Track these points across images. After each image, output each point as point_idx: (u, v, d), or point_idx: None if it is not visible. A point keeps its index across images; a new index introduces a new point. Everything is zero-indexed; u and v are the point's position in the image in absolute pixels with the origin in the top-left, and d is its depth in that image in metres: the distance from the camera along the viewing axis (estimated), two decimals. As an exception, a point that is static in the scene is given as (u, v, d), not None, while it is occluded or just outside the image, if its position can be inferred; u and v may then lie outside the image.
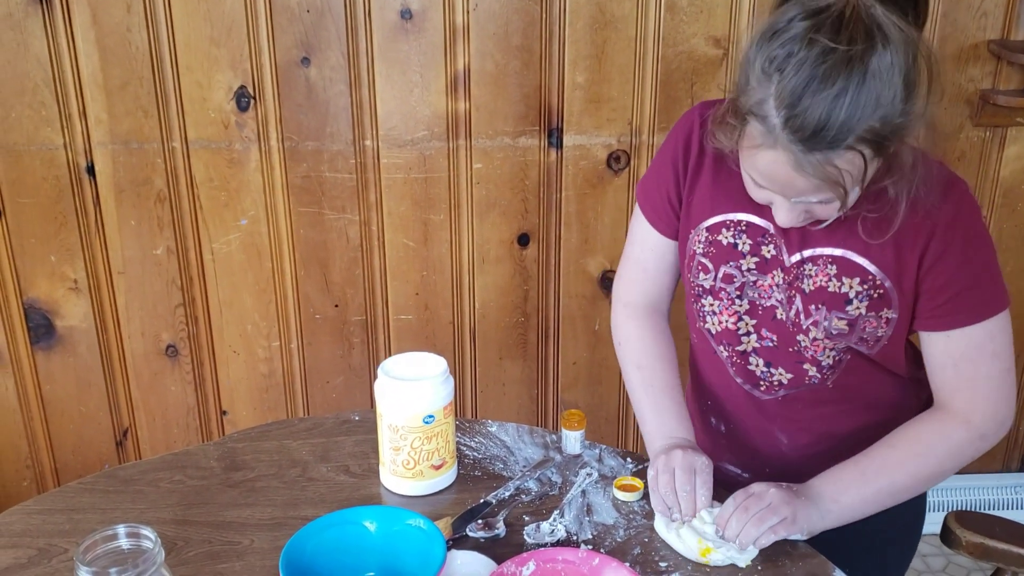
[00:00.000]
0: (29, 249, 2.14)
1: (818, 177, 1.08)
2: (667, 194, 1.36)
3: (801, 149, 1.06)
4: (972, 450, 1.25)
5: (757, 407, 1.38)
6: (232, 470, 1.39)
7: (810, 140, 1.05)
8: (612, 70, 2.09)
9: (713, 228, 1.32)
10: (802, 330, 1.28)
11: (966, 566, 2.48)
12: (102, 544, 1.02)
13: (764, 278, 1.29)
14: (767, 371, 1.33)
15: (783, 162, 1.09)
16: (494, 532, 1.26)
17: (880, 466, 1.25)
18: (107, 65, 2.01)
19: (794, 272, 1.27)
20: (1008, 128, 2.21)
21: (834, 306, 1.24)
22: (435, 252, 2.23)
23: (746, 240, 1.29)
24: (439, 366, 1.33)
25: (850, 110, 1.03)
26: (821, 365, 1.30)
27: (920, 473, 1.26)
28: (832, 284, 1.24)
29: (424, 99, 2.09)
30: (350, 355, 2.32)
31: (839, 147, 1.05)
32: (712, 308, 1.35)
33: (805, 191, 1.12)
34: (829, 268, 1.24)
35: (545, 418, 2.43)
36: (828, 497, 1.23)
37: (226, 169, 2.12)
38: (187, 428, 2.35)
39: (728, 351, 1.36)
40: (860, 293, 1.23)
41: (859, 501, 1.24)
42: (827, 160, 1.06)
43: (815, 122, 1.04)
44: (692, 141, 1.33)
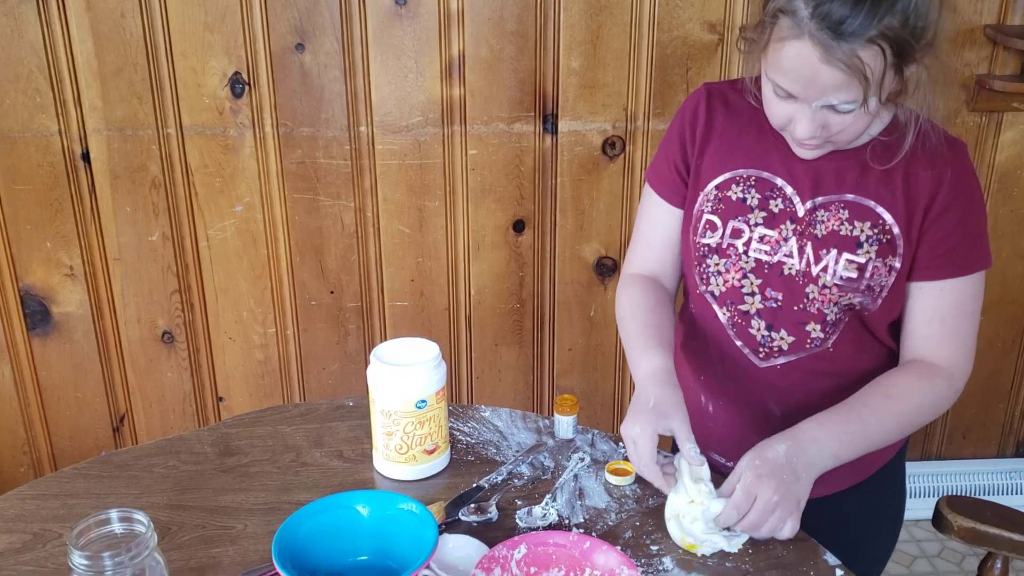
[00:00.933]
0: (25, 236, 2.15)
1: (843, 66, 1.11)
2: (675, 163, 1.40)
3: (829, 36, 1.10)
4: (947, 404, 1.32)
5: (753, 376, 1.38)
6: (226, 455, 1.40)
7: (836, 28, 1.10)
8: (607, 55, 2.09)
9: (722, 185, 1.35)
10: (812, 279, 1.30)
11: (961, 551, 2.49)
12: (95, 528, 1.03)
13: (771, 232, 1.32)
14: (768, 335, 1.34)
15: (809, 54, 1.12)
16: (486, 516, 1.27)
17: (879, 419, 1.27)
18: (101, 51, 2.01)
19: (807, 220, 1.30)
20: (1004, 113, 2.21)
21: (845, 248, 1.28)
22: (430, 238, 2.23)
23: (755, 194, 1.33)
24: (431, 351, 1.34)
25: (874, 3, 1.09)
26: (826, 320, 1.31)
27: (910, 426, 1.32)
28: (844, 228, 1.28)
29: (419, 85, 2.09)
30: (346, 341, 2.32)
31: (862, 37, 1.10)
32: (717, 267, 1.36)
33: (828, 88, 1.15)
34: (841, 212, 1.28)
35: (540, 404, 2.43)
36: (832, 453, 1.23)
37: (221, 155, 2.12)
38: (183, 414, 2.36)
39: (730, 311, 1.36)
40: (871, 237, 1.27)
41: (855, 454, 1.26)
42: (852, 51, 1.11)
43: (841, 12, 1.09)
44: (699, 113, 1.37)
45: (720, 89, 1.38)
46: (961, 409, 2.50)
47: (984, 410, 2.53)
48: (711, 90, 1.38)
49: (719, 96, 1.38)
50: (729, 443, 1.43)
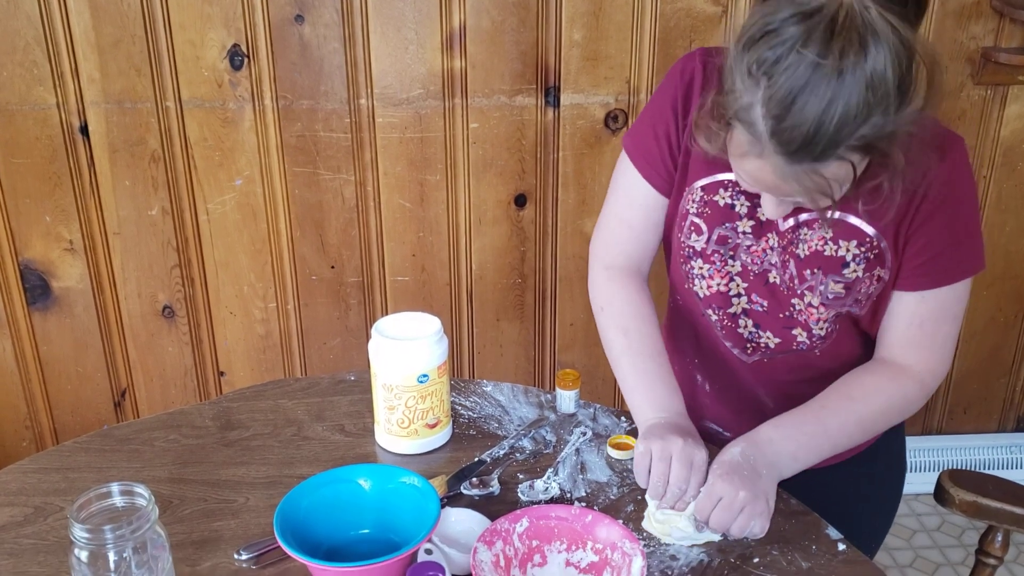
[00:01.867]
0: (24, 210, 2.13)
1: (804, 186, 1.06)
2: (667, 142, 1.29)
3: (786, 161, 1.04)
4: (916, 407, 1.29)
5: (742, 369, 1.36)
6: (227, 429, 1.40)
7: (797, 153, 1.02)
8: (610, 27, 2.07)
9: (709, 188, 1.28)
10: (796, 295, 1.26)
11: (961, 525, 2.49)
12: (96, 502, 1.02)
13: (759, 242, 1.27)
14: (755, 332, 1.32)
15: (768, 171, 1.07)
16: (488, 490, 1.27)
17: (841, 421, 1.23)
18: (99, 23, 1.99)
19: (788, 237, 1.25)
20: (1009, 87, 2.19)
21: (831, 270, 1.23)
22: (431, 213, 2.22)
23: (744, 202, 1.27)
24: (433, 325, 1.33)
25: (840, 122, 0.99)
26: (812, 332, 1.28)
27: (873, 428, 1.28)
28: (828, 248, 1.22)
29: (419, 57, 2.07)
30: (347, 316, 2.31)
31: (826, 159, 1.03)
32: (701, 272, 1.32)
33: (792, 194, 1.10)
34: (825, 231, 1.22)
35: (542, 379, 2.43)
36: (790, 455, 1.20)
37: (220, 129, 2.10)
38: (185, 389, 2.36)
39: (717, 315, 1.33)
40: (857, 256, 1.21)
41: (816, 455, 1.23)
42: (814, 171, 1.04)
43: (803, 135, 1.00)
44: (694, 88, 1.26)
45: (716, 62, 1.19)
46: (962, 384, 2.50)
47: (985, 385, 2.53)
48: (707, 62, 1.25)
49: (715, 71, 1.18)
50: (726, 418, 1.43)
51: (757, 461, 1.17)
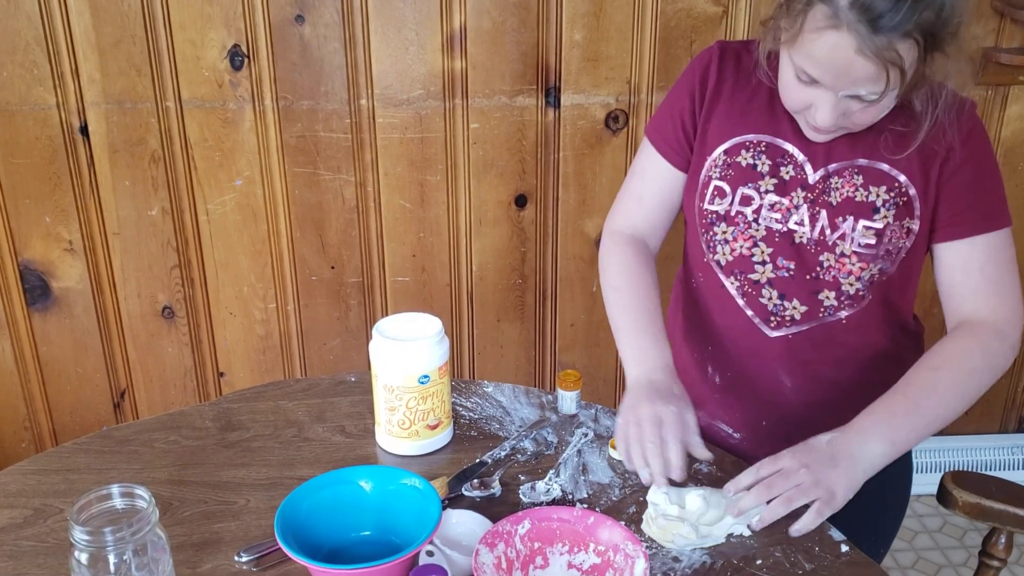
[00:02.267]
0: (24, 210, 2.13)
1: (879, 59, 1.09)
2: (681, 121, 1.37)
3: (867, 29, 1.08)
4: (1005, 361, 1.26)
5: (763, 346, 1.36)
6: (228, 430, 1.39)
7: (877, 21, 1.07)
8: (610, 28, 2.06)
9: (731, 150, 1.33)
10: (828, 247, 1.28)
11: (963, 526, 2.49)
12: (96, 504, 1.02)
13: (782, 200, 1.30)
14: (780, 304, 1.33)
15: (845, 45, 1.10)
16: (490, 491, 1.26)
17: (929, 393, 1.22)
18: (99, 23, 1.98)
19: (819, 188, 1.28)
20: (1011, 87, 2.19)
21: (862, 215, 1.26)
22: (432, 213, 2.21)
23: (765, 160, 1.31)
24: (434, 326, 1.33)
25: None
26: (841, 290, 1.29)
27: (968, 392, 1.25)
28: (859, 194, 1.26)
29: (420, 57, 2.07)
30: (347, 317, 2.31)
31: (902, 29, 1.08)
32: (725, 236, 1.34)
33: (859, 79, 1.13)
34: (856, 178, 1.26)
35: (543, 380, 2.43)
36: (880, 438, 1.18)
37: (220, 129, 2.10)
38: (184, 389, 2.35)
39: (739, 280, 1.34)
40: (887, 201, 1.26)
41: (913, 435, 1.21)
42: (889, 44, 1.09)
43: (882, 4, 1.07)
44: (711, 72, 1.34)
45: (734, 49, 1.35)
46: (964, 385, 2.49)
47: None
48: (724, 49, 1.35)
49: (732, 56, 1.34)
50: (737, 414, 1.43)
51: (839, 451, 1.17)
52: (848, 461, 1.16)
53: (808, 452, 1.17)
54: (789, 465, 1.16)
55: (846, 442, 1.18)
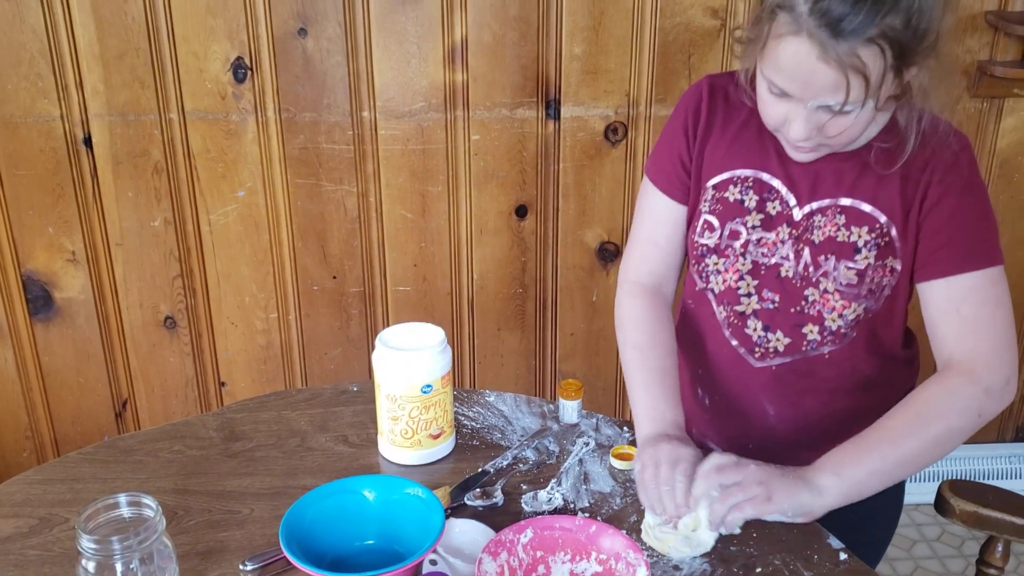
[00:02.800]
0: (27, 221, 2.14)
1: (841, 65, 1.08)
2: (678, 155, 1.37)
3: (828, 35, 1.07)
4: (978, 405, 1.20)
5: (748, 375, 1.37)
6: (231, 440, 1.40)
7: (835, 25, 1.06)
8: (610, 41, 2.08)
9: (720, 185, 1.33)
10: (812, 283, 1.28)
11: (961, 535, 2.50)
12: (104, 512, 1.03)
13: (768, 235, 1.30)
14: (764, 336, 1.33)
15: (806, 51, 1.09)
16: (492, 501, 1.27)
17: (882, 434, 1.20)
18: (103, 36, 2.00)
19: (803, 225, 1.28)
20: (1005, 99, 2.21)
21: (843, 255, 1.25)
22: (433, 224, 2.23)
23: (752, 196, 1.31)
24: (437, 336, 1.34)
25: (876, 2, 1.06)
26: (824, 325, 1.29)
27: (926, 434, 1.20)
28: (841, 234, 1.25)
29: (421, 70, 2.08)
30: (348, 327, 2.32)
31: (862, 36, 1.07)
32: (717, 267, 1.34)
33: (824, 88, 1.11)
34: (838, 218, 1.25)
35: (543, 389, 2.44)
36: (827, 470, 1.18)
37: (223, 140, 2.11)
38: (186, 399, 2.36)
39: (727, 311, 1.35)
40: (868, 242, 1.24)
41: (865, 472, 1.18)
42: (851, 50, 1.07)
43: (841, 9, 1.06)
44: (702, 106, 1.35)
45: (722, 83, 1.35)
46: (961, 394, 2.50)
47: (984, 395, 2.53)
48: (713, 83, 1.35)
49: (721, 91, 1.35)
50: (725, 435, 1.43)
51: (787, 471, 1.19)
52: (796, 479, 1.18)
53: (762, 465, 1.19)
54: (742, 462, 1.19)
55: (800, 468, 1.20)
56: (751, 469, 1.18)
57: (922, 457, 1.21)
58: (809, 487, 1.17)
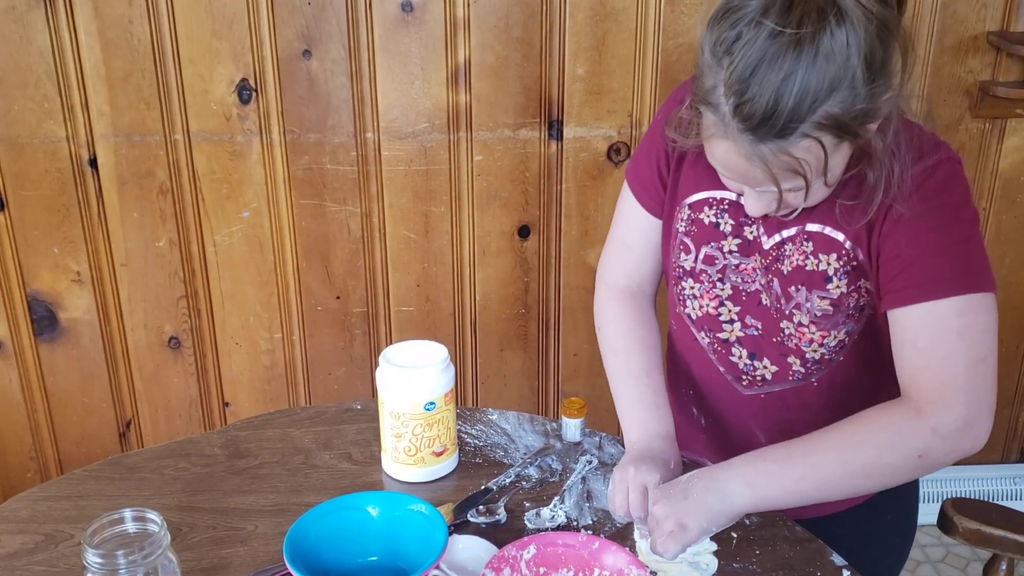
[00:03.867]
0: (32, 241, 2.16)
1: (772, 168, 1.02)
2: (657, 168, 1.31)
3: (751, 139, 1.01)
4: (922, 444, 1.08)
5: (737, 403, 1.33)
6: (236, 458, 1.41)
7: (759, 128, 0.99)
8: (612, 62, 2.10)
9: (695, 206, 1.27)
10: (785, 315, 1.22)
11: (965, 556, 2.49)
12: (109, 528, 1.04)
13: (747, 261, 1.24)
14: (750, 363, 1.29)
15: (735, 152, 1.04)
16: (495, 518, 1.28)
17: (807, 452, 1.12)
18: (109, 57, 2.02)
19: (772, 255, 1.22)
20: (1008, 120, 2.22)
21: (814, 285, 1.19)
22: (436, 244, 2.24)
23: (728, 220, 1.25)
24: (440, 353, 1.34)
25: (800, 95, 0.97)
26: (805, 358, 1.24)
27: (852, 462, 1.10)
28: (810, 262, 1.19)
29: (425, 91, 2.10)
30: (352, 346, 2.33)
31: (791, 135, 0.99)
32: (693, 291, 1.30)
33: (763, 181, 1.06)
34: (805, 246, 1.19)
35: (546, 409, 2.44)
36: (742, 479, 1.12)
37: (228, 161, 2.13)
38: (190, 419, 2.37)
39: (709, 338, 1.31)
40: (838, 270, 1.17)
41: (778, 490, 1.12)
42: (780, 150, 1.01)
43: (763, 109, 0.98)
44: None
45: None
46: (965, 414, 2.50)
47: (988, 416, 2.53)
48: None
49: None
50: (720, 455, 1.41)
51: (694, 484, 1.14)
52: (702, 493, 1.13)
53: (664, 492, 1.15)
54: (655, 513, 1.15)
55: (707, 475, 1.15)
56: (657, 508, 1.14)
57: (843, 485, 1.13)
58: (719, 496, 1.12)
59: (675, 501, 1.14)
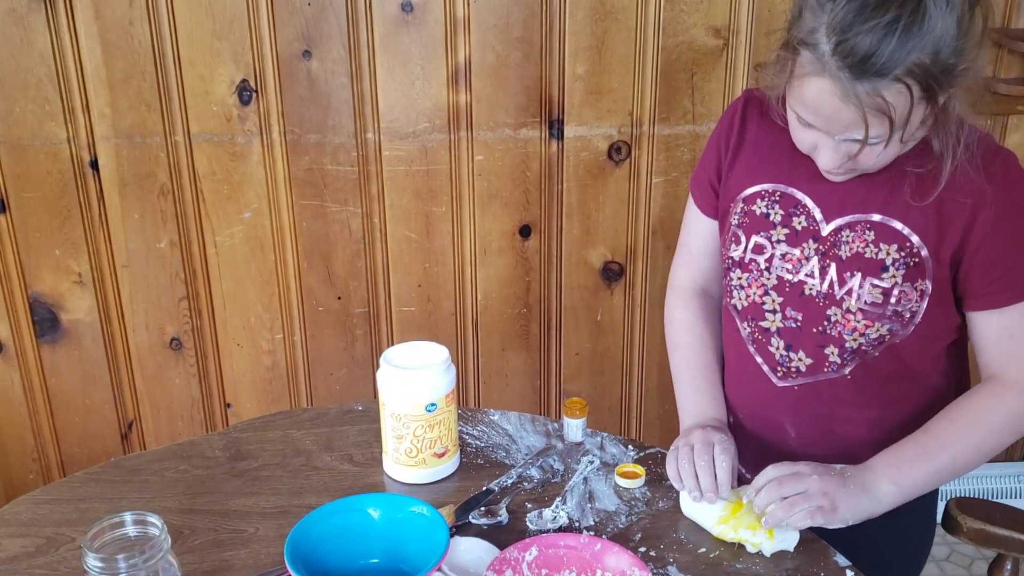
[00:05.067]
0: (34, 243, 2.16)
1: (864, 107, 1.08)
2: (710, 172, 1.40)
3: (849, 76, 1.07)
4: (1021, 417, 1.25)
5: (772, 394, 1.36)
6: (237, 460, 1.41)
7: (858, 67, 1.06)
8: (612, 61, 2.09)
9: (749, 199, 1.35)
10: (835, 301, 1.27)
11: (970, 555, 2.48)
12: (109, 531, 1.03)
13: (793, 251, 1.30)
14: (786, 355, 1.33)
15: (829, 91, 1.09)
16: (497, 519, 1.27)
17: (942, 443, 1.23)
18: (110, 59, 2.02)
19: (831, 240, 1.27)
20: (1009, 117, 2.21)
21: (870, 272, 1.24)
22: (437, 244, 2.24)
23: (778, 210, 1.31)
24: (441, 354, 1.34)
25: (901, 40, 1.04)
26: (844, 347, 1.28)
27: (982, 446, 1.24)
28: (869, 250, 1.24)
29: (425, 91, 2.10)
30: (353, 347, 2.33)
31: (887, 76, 1.06)
32: (740, 282, 1.35)
33: (850, 125, 1.11)
34: (867, 234, 1.25)
35: (548, 409, 2.44)
36: (888, 479, 1.21)
37: (228, 162, 2.13)
38: (191, 421, 2.37)
39: (751, 327, 1.36)
40: (897, 261, 1.23)
41: (920, 482, 1.23)
42: (874, 90, 1.07)
43: (864, 49, 1.05)
44: (735, 119, 1.37)
45: (759, 97, 1.35)
46: (968, 412, 2.50)
47: (991, 413, 2.53)
48: (749, 97, 1.37)
49: (756, 104, 1.35)
50: (750, 456, 1.41)
51: (850, 477, 1.20)
52: (857, 488, 1.20)
53: (824, 467, 1.21)
54: (803, 470, 1.20)
55: (857, 472, 1.22)
56: (814, 480, 1.19)
57: (971, 466, 1.25)
58: (868, 496, 1.20)
59: (833, 482, 1.19)
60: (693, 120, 2.15)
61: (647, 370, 2.40)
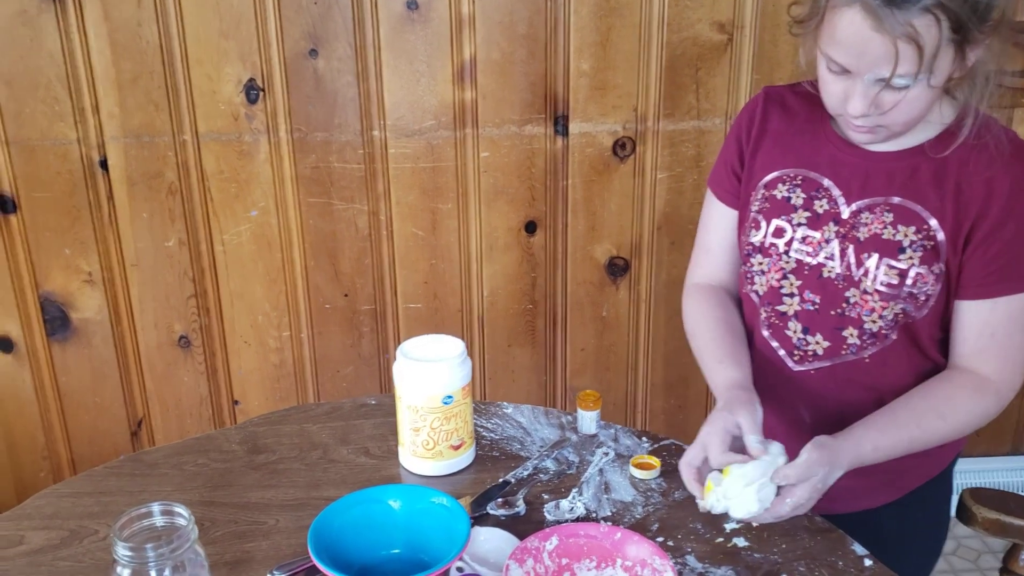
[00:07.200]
0: (44, 242, 2.16)
1: (895, 36, 1.08)
2: (731, 165, 1.42)
3: (881, 3, 1.08)
4: (991, 416, 1.28)
5: (787, 379, 1.37)
6: (254, 453, 1.42)
7: None
8: (617, 57, 2.11)
9: (770, 184, 1.36)
10: (853, 282, 1.28)
11: (977, 548, 2.50)
12: (137, 521, 1.04)
13: (814, 233, 1.31)
14: (803, 338, 1.34)
15: (860, 21, 1.10)
16: (514, 510, 1.29)
17: (910, 416, 1.24)
18: (118, 60, 2.03)
19: (850, 223, 1.29)
20: (1014, 109, 2.23)
21: (887, 253, 1.26)
22: (443, 241, 2.25)
23: (800, 194, 1.33)
24: (457, 347, 1.36)
25: None
26: (863, 328, 1.29)
27: (940, 433, 1.27)
28: (887, 232, 1.26)
29: (431, 89, 2.11)
30: (360, 344, 2.34)
31: (919, 3, 1.07)
32: (761, 267, 1.36)
33: (880, 59, 1.12)
34: (885, 216, 1.26)
35: (554, 404, 2.45)
36: (870, 445, 1.21)
37: (236, 161, 2.14)
38: (200, 418, 2.37)
39: (768, 311, 1.37)
40: (914, 243, 1.24)
41: (887, 448, 1.23)
42: (905, 20, 1.08)
43: None
44: (757, 112, 1.39)
45: (779, 92, 1.40)
46: (971, 405, 2.51)
47: (994, 405, 2.54)
48: (769, 93, 1.40)
49: (777, 98, 1.39)
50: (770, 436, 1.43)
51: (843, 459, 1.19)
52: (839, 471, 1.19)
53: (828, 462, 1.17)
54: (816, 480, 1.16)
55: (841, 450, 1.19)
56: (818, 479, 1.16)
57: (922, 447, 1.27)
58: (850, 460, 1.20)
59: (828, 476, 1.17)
60: (698, 116, 2.17)
61: (653, 365, 2.41)
